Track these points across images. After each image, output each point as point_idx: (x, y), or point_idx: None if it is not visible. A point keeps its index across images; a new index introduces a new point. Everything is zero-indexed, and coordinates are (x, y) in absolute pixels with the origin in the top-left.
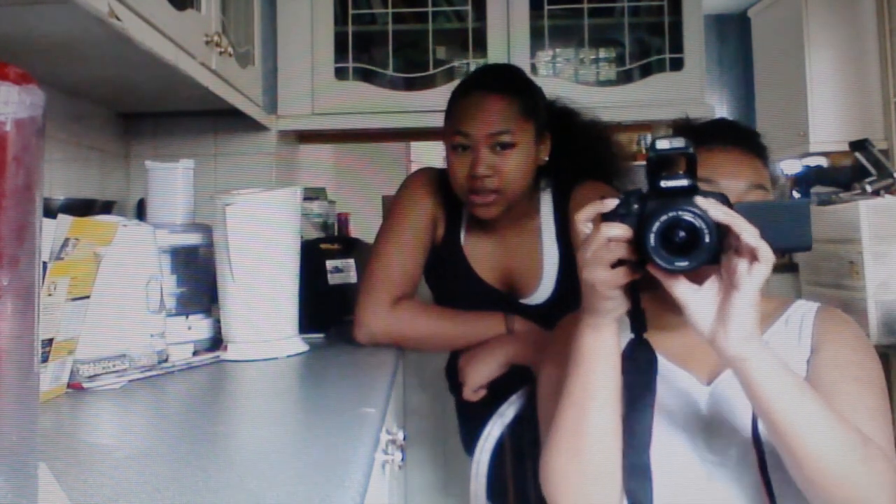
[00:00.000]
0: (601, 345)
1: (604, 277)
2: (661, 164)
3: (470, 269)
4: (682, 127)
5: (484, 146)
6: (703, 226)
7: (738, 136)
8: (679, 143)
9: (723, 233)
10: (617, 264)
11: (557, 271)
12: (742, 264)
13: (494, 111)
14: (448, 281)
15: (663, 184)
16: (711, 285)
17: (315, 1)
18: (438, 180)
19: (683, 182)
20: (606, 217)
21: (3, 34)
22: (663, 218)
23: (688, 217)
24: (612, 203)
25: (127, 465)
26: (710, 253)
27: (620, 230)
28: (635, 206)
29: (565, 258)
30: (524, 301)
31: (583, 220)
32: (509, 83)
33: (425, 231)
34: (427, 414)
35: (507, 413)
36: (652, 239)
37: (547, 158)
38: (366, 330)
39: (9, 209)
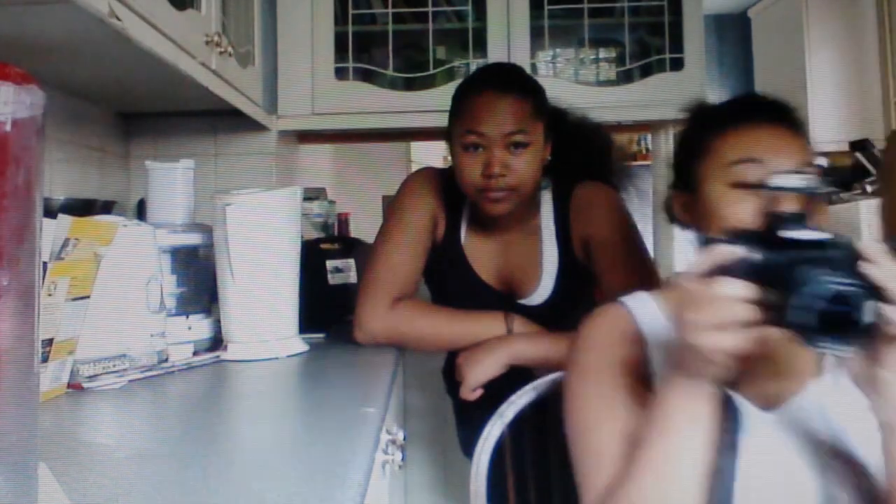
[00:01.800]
0: (696, 412)
1: (718, 343)
2: (775, 202)
3: (469, 269)
4: (703, 111)
5: (499, 146)
6: (867, 302)
7: (782, 112)
8: (806, 181)
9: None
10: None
11: (557, 271)
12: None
13: (510, 112)
14: (447, 280)
15: (791, 234)
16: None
17: (315, 1)
18: (438, 180)
19: (818, 235)
20: (725, 271)
21: (3, 34)
22: (820, 291)
23: (850, 291)
24: (731, 253)
25: (127, 465)
26: (869, 332)
27: (748, 291)
28: (759, 258)
29: (564, 259)
30: (523, 301)
31: (696, 274)
32: (521, 83)
33: (425, 231)
34: (427, 414)
35: (507, 413)
36: (807, 316)
37: (549, 157)
38: (366, 330)
39: (9, 209)
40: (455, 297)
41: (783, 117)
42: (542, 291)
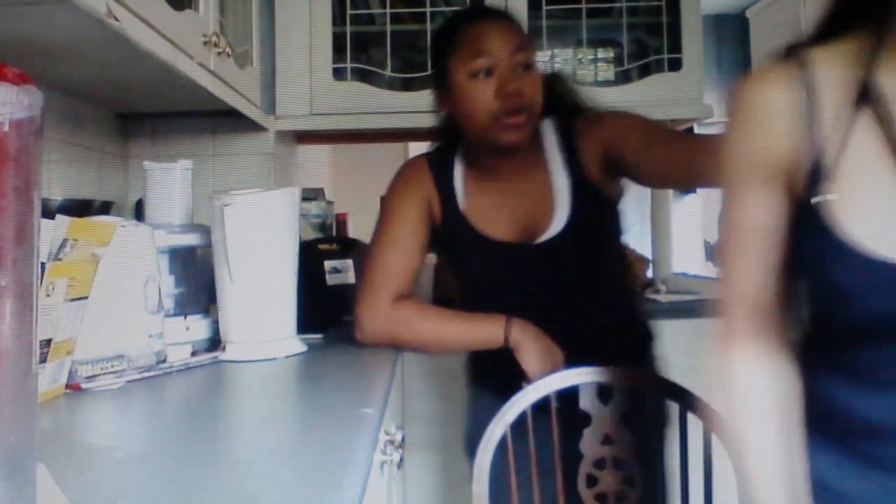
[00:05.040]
0: None
1: None
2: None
3: (477, 234)
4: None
5: (508, 66)
6: None
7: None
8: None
9: None
10: None
11: (570, 198)
12: None
13: (512, 32)
14: (460, 255)
15: None
16: None
17: (313, 1)
18: (424, 162)
19: None
20: None
21: (1, 34)
22: None
23: None
24: None
25: (126, 465)
26: None
27: None
28: None
29: (577, 184)
30: (541, 240)
31: None
32: (506, 14)
33: (418, 221)
34: (426, 414)
35: (508, 413)
36: None
37: None
38: (366, 332)
39: (7, 209)
40: (474, 269)
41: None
42: (557, 222)
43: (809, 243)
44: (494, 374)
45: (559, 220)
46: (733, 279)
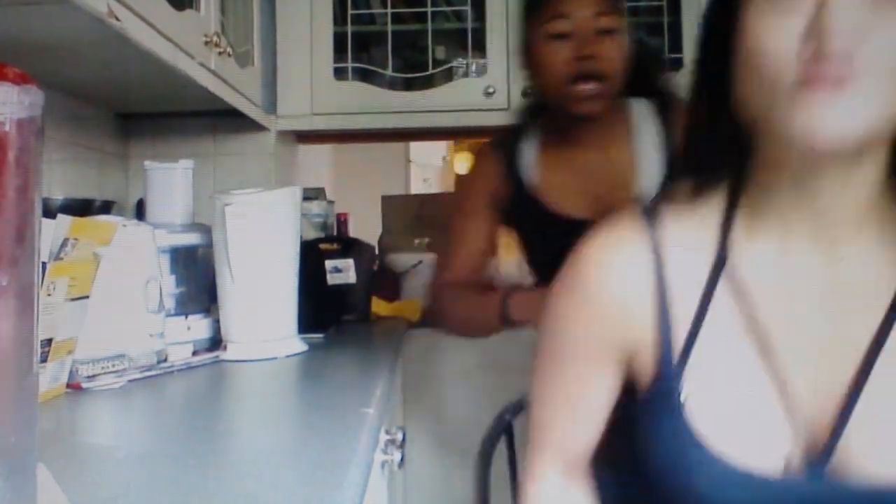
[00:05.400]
0: None
1: None
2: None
3: (546, 211)
4: None
5: (587, 29)
6: None
7: None
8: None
9: None
10: None
11: (658, 177)
12: None
13: None
14: (529, 231)
15: None
16: None
17: (314, 1)
18: (490, 150)
19: None
20: None
21: (2, 34)
22: None
23: None
24: None
25: (126, 465)
26: None
27: None
28: None
29: (669, 166)
30: None
31: None
32: None
33: (482, 209)
34: (427, 414)
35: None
36: None
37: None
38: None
39: (8, 209)
40: (541, 247)
41: None
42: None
43: (656, 433)
44: None
45: (642, 199)
46: (549, 429)
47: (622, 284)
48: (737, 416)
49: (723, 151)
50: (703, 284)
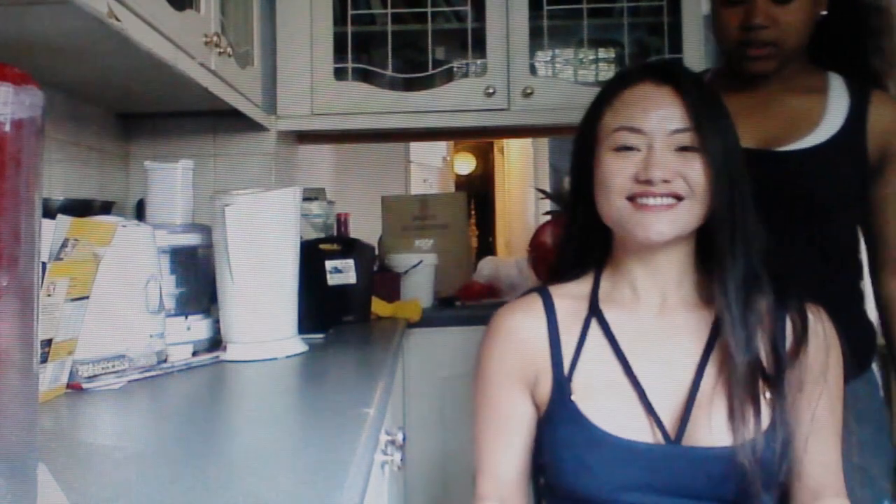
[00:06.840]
0: None
1: None
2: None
3: None
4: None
5: None
6: None
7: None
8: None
9: None
10: None
11: (845, 120)
12: None
13: None
14: None
15: None
16: None
17: (314, 1)
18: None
19: None
20: None
21: (2, 34)
22: None
23: None
24: None
25: (126, 465)
26: None
27: None
28: None
29: (854, 143)
30: (785, 148)
31: None
32: None
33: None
34: (427, 414)
35: None
36: None
37: (825, 12)
38: None
39: (8, 210)
40: None
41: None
42: (820, 133)
43: (557, 428)
44: None
45: (824, 131)
46: (484, 452)
47: (525, 331)
48: (613, 411)
49: (589, 252)
50: (581, 327)
